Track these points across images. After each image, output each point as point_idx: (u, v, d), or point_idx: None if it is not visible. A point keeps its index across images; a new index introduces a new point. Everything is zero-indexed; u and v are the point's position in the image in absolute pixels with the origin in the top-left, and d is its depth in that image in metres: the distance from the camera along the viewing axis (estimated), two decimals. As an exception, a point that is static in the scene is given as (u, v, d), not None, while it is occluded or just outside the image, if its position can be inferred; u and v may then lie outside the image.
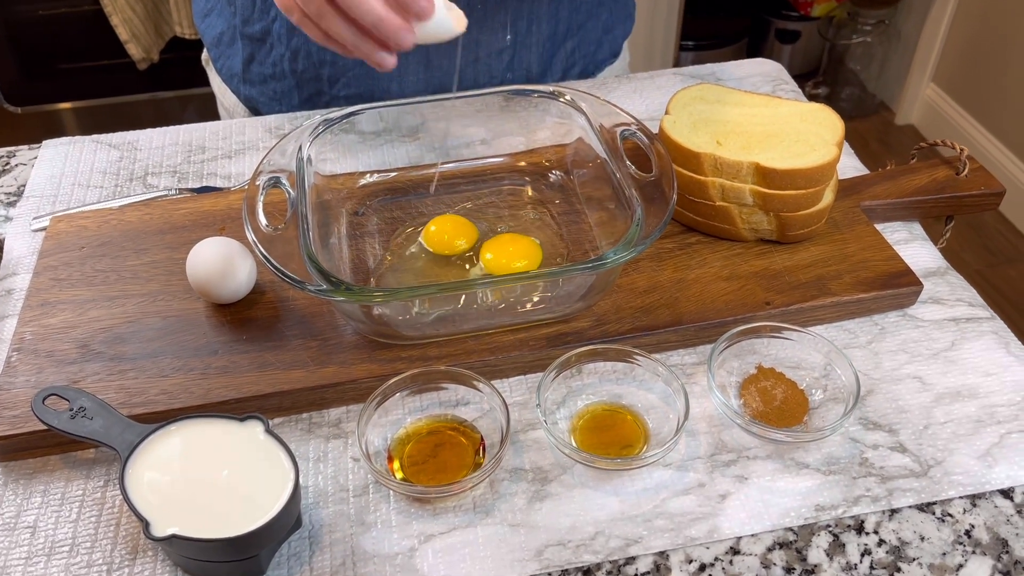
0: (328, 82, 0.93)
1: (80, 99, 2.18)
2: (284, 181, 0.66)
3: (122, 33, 1.85)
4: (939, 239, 0.78)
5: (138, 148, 0.87)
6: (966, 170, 0.77)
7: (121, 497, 0.57)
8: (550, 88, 0.74)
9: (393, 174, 0.77)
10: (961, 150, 0.76)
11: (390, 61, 0.59)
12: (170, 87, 2.04)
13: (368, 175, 0.76)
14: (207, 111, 1.10)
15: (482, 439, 0.59)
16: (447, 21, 0.59)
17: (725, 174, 0.67)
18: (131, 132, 0.89)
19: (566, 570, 0.53)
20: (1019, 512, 0.56)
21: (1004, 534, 0.55)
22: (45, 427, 0.57)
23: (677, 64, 2.46)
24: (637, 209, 0.62)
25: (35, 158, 0.86)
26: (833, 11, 2.57)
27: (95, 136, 0.88)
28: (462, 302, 0.63)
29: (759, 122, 0.70)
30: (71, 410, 0.56)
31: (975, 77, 2.33)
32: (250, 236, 0.61)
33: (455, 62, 0.89)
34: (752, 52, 2.70)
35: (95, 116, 2.21)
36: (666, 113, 0.72)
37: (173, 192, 0.80)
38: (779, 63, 0.98)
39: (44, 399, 0.56)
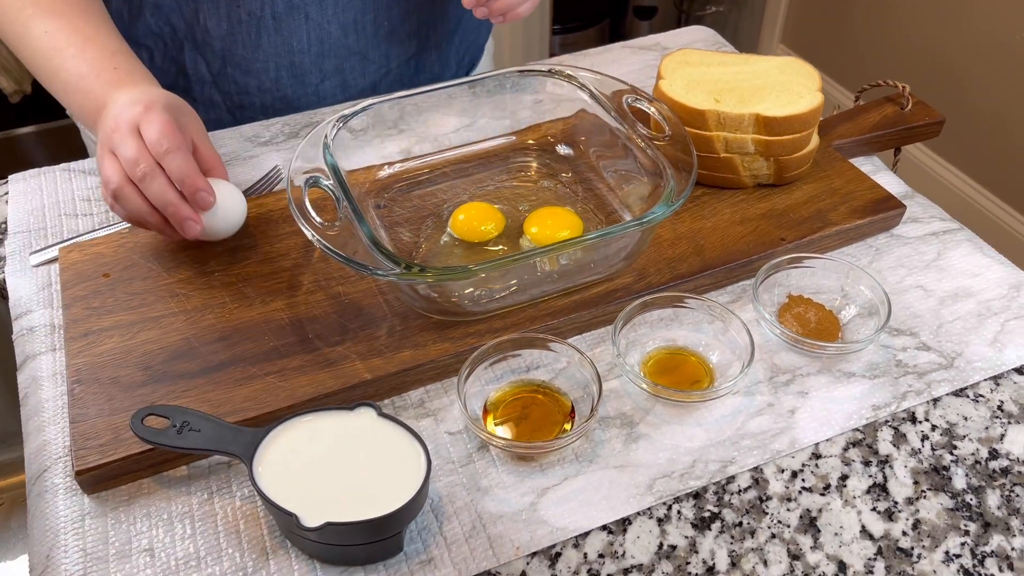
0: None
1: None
2: (322, 180, 0.67)
3: (-10, 66, 1.74)
4: (891, 168, 0.87)
5: (116, 172, 0.84)
6: (909, 105, 0.86)
7: (238, 503, 0.57)
8: (546, 67, 0.78)
9: (407, 164, 0.79)
10: (903, 87, 0.86)
11: (196, 229, 0.66)
12: (49, 118, 1.93)
13: (386, 167, 0.78)
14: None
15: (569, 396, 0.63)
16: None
17: (728, 127, 0.73)
18: (102, 157, 0.86)
19: (678, 497, 0.58)
20: (1034, 384, 0.65)
21: (1028, 404, 0.64)
22: (147, 448, 0.56)
23: (552, 50, 2.54)
24: (668, 167, 0.68)
25: (6, 194, 0.82)
26: (685, -15, 2.72)
27: (65, 165, 0.85)
28: (523, 273, 0.66)
29: (744, 78, 0.77)
30: (174, 426, 0.56)
31: (819, 33, 2.53)
32: (309, 234, 0.62)
33: (368, 79, 0.93)
34: (614, 31, 2.82)
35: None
36: (660, 78, 0.77)
37: (176, 209, 0.78)
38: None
39: (142, 420, 0.56)
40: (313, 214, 0.64)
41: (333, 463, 0.54)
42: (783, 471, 0.60)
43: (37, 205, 0.80)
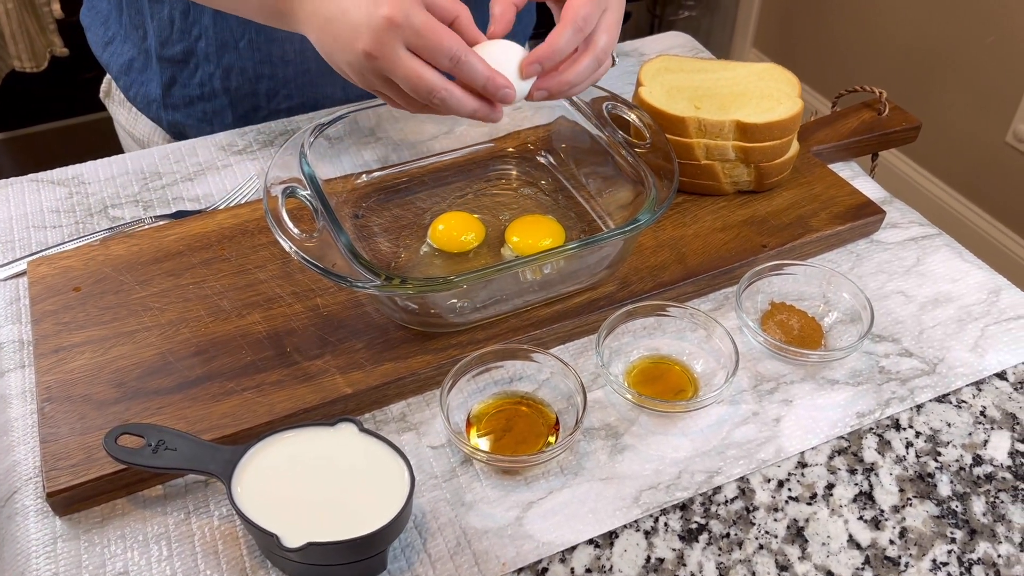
0: (266, 96, 0.91)
1: None
2: (299, 190, 0.66)
3: (-47, 74, 1.71)
4: (869, 173, 0.87)
5: (85, 182, 0.82)
6: (886, 110, 0.86)
7: (216, 522, 0.56)
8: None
9: (384, 173, 0.78)
10: (880, 93, 0.86)
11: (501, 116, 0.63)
12: (12, 127, 1.90)
13: (363, 175, 0.77)
14: (63, 146, 1.05)
15: (552, 408, 0.62)
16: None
17: (709, 134, 0.73)
18: (72, 167, 0.84)
19: (664, 509, 0.57)
20: (1016, 389, 0.65)
21: (1011, 409, 0.64)
22: (121, 468, 0.55)
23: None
24: (649, 174, 0.67)
25: (-28, 206, 0.80)
26: (659, -10, 2.73)
27: (32, 175, 0.83)
28: (505, 283, 0.65)
29: (724, 84, 0.77)
30: (149, 445, 0.54)
31: (791, 37, 2.55)
32: (286, 246, 0.61)
33: None
34: (588, 35, 2.82)
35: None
36: (640, 85, 0.77)
37: (148, 220, 0.77)
38: (686, 34, 1.05)
39: (115, 439, 0.54)
40: (290, 225, 0.62)
41: (314, 481, 0.53)
42: (769, 481, 0.59)
43: (4, 217, 0.78)
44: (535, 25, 1.11)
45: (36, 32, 1.77)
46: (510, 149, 0.80)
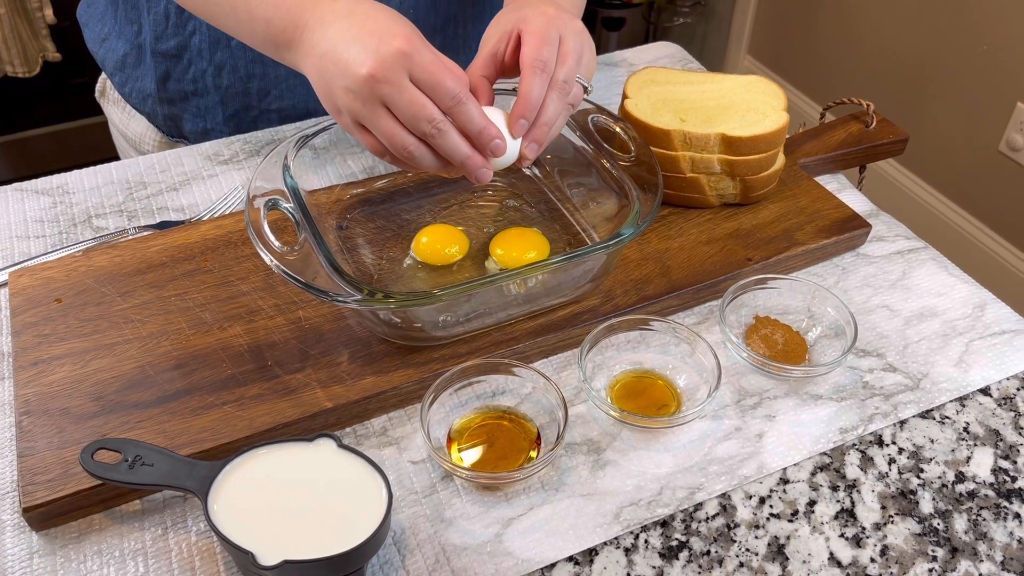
0: (257, 96, 0.91)
1: None
2: (282, 202, 0.65)
3: (-55, 79, 1.70)
4: (857, 186, 0.87)
5: (70, 192, 0.82)
6: (874, 123, 0.86)
7: (193, 538, 0.55)
8: (511, 85, 0.77)
9: (369, 183, 0.78)
10: (868, 105, 0.86)
11: (489, 176, 0.63)
12: (1, 132, 1.89)
13: (349, 186, 0.76)
14: (55, 151, 1.04)
15: (534, 422, 0.62)
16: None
17: (694, 147, 0.73)
18: (56, 175, 0.84)
19: (645, 526, 0.57)
20: (1000, 405, 0.65)
21: (994, 425, 0.64)
22: (98, 483, 0.54)
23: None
24: (633, 187, 0.67)
25: (-45, 215, 0.80)
26: (653, -3, 2.73)
27: (17, 184, 0.83)
28: (488, 297, 0.65)
29: (711, 97, 0.76)
30: (126, 460, 0.54)
31: (786, 45, 2.55)
32: (267, 259, 0.60)
33: None
34: (583, 41, 2.82)
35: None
36: (626, 97, 0.77)
37: (132, 231, 0.76)
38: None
39: (92, 454, 0.54)
40: (272, 238, 0.62)
41: (291, 497, 0.53)
42: (751, 497, 0.59)
43: (-13, 226, 0.78)
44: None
45: (28, 37, 1.76)
46: (495, 161, 0.80)
